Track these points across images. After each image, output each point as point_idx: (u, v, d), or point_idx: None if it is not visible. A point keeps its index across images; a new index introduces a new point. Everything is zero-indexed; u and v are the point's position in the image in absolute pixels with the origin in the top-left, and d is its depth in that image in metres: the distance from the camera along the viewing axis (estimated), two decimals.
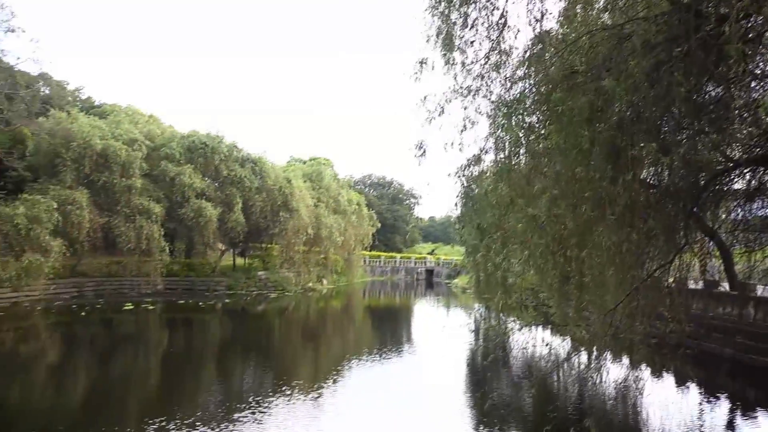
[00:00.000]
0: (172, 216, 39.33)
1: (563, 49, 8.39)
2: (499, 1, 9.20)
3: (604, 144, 7.82)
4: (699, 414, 13.63)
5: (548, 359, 16.37)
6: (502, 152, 9.83)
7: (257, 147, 79.85)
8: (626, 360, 11.31)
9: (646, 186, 8.74)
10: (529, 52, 9.18)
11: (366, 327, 32.49)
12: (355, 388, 15.39)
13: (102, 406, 13.06)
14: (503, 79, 9.62)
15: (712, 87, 8.55)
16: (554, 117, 8.29)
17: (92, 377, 16.45)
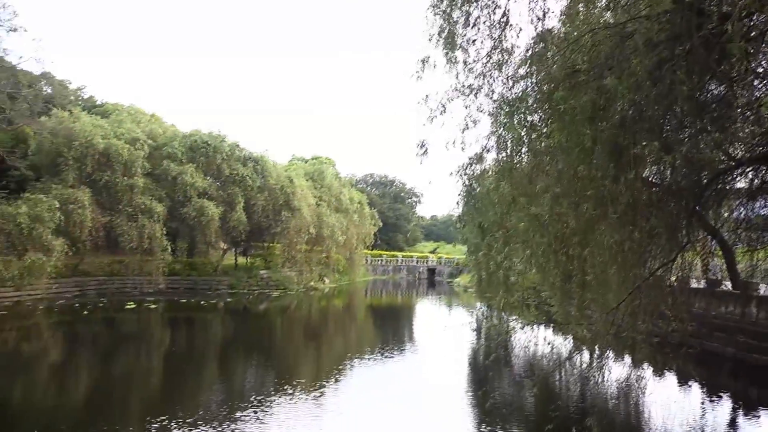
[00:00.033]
0: (174, 215, 39.38)
1: (565, 48, 8.38)
2: (501, 0, 9.20)
3: (606, 142, 7.81)
4: (701, 413, 13.62)
5: (550, 358, 16.35)
6: (504, 151, 9.83)
7: (259, 146, 79.90)
8: (628, 359, 11.31)
9: (649, 184, 8.74)
10: (531, 51, 9.17)
11: (368, 326, 32.50)
12: (357, 387, 15.39)
13: (104, 405, 13.08)
14: (505, 78, 9.60)
15: (715, 85, 8.54)
16: (556, 115, 8.28)
17: (94, 376, 16.47)
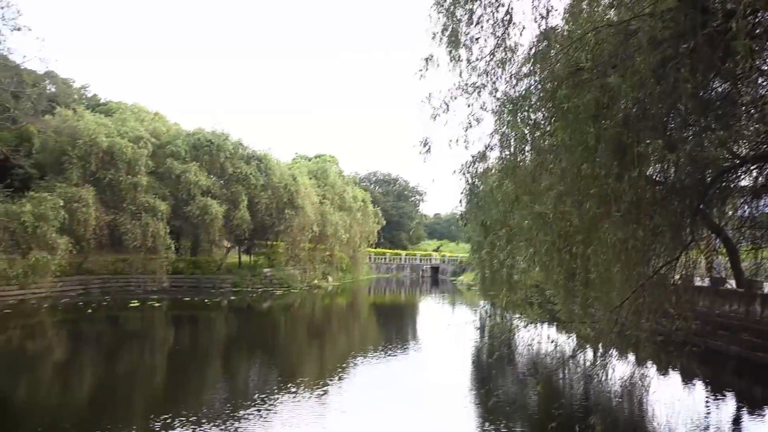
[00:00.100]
0: (178, 213, 39.47)
1: (569, 46, 8.36)
2: None
3: (610, 141, 7.80)
4: (705, 412, 13.59)
5: (553, 356, 16.30)
6: (508, 149, 9.82)
7: (262, 145, 79.79)
8: (632, 357, 11.28)
9: (652, 183, 8.72)
10: (535, 49, 9.15)
11: (371, 324, 32.51)
12: (361, 386, 15.41)
13: (108, 403, 13.13)
14: (508, 76, 9.59)
15: (719, 83, 8.53)
16: (560, 114, 8.27)
17: (98, 374, 16.53)
